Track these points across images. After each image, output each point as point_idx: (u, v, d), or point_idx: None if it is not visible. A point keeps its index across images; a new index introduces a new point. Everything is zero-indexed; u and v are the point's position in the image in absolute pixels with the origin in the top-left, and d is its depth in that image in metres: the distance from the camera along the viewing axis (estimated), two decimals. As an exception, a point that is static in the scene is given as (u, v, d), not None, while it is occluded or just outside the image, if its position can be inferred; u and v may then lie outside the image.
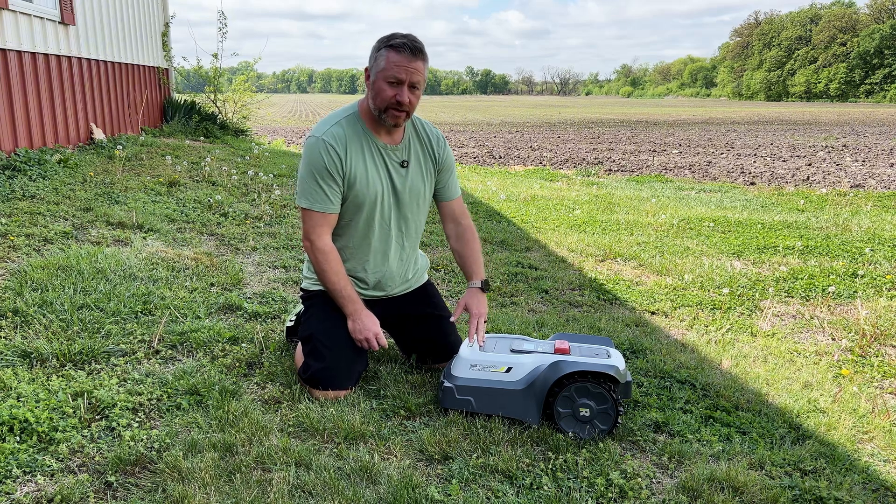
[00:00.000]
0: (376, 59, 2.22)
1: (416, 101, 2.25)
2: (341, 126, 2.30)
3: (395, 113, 2.23)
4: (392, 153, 2.36)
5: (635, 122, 27.80)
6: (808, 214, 6.58)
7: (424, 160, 2.44)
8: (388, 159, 2.36)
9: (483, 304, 2.42)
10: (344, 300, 2.34)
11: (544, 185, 8.68)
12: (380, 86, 2.21)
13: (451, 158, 2.53)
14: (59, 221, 4.29)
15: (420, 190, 2.43)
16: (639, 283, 3.97)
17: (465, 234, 2.56)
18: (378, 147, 2.34)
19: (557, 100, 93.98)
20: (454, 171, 2.56)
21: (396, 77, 2.18)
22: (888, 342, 3.06)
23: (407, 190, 2.40)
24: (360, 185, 2.30)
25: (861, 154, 13.47)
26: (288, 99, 77.89)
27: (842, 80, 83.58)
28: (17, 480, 1.74)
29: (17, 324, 2.66)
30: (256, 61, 12.51)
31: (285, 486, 1.75)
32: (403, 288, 2.57)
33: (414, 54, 2.18)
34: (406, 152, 2.39)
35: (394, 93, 2.19)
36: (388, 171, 2.36)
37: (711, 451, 2.05)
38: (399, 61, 2.17)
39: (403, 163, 2.38)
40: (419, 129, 2.45)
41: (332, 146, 2.26)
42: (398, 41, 2.18)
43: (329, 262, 2.31)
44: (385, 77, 2.19)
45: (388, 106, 2.22)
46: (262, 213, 5.34)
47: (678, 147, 15.32)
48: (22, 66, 5.77)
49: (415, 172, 2.41)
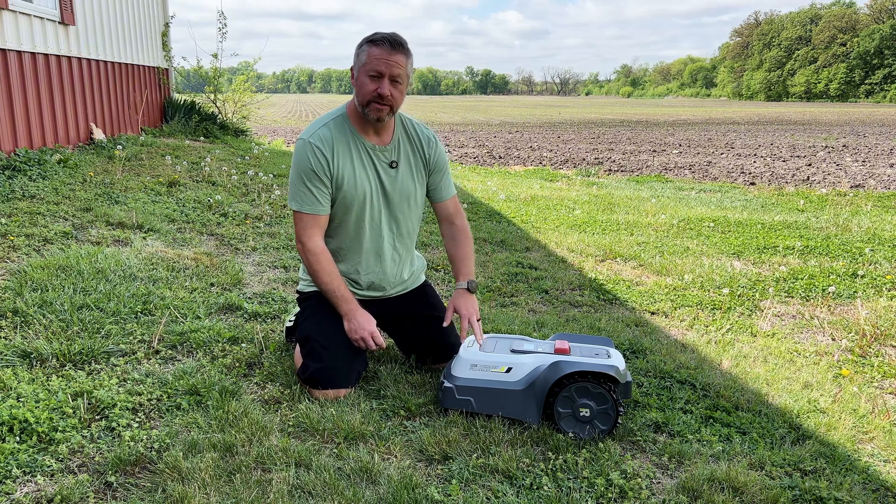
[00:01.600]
0: (358, 55, 2.26)
1: (398, 96, 2.27)
2: (328, 128, 2.33)
3: (377, 106, 2.24)
4: (381, 154, 2.38)
5: (635, 122, 27.81)
6: (808, 214, 6.58)
7: (415, 161, 2.45)
8: (376, 160, 2.37)
9: (471, 304, 2.42)
10: (338, 300, 2.35)
11: (544, 186, 8.68)
12: (362, 80, 2.24)
13: (443, 159, 2.52)
14: (59, 221, 4.29)
15: (410, 191, 2.44)
16: (639, 283, 3.97)
17: (457, 234, 2.57)
18: (366, 148, 2.36)
19: (557, 100, 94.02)
20: (447, 171, 2.56)
21: (377, 70, 2.20)
22: (888, 342, 3.06)
23: (397, 191, 2.41)
24: (347, 186, 2.32)
25: (861, 154, 13.47)
26: (288, 99, 77.92)
27: (842, 81, 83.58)
28: (17, 480, 1.74)
29: (17, 324, 2.66)
30: (256, 61, 12.51)
31: (285, 487, 1.75)
32: (400, 289, 2.58)
33: (393, 47, 2.21)
34: (395, 153, 2.41)
35: (375, 86, 2.22)
36: (376, 171, 2.38)
37: (711, 452, 2.05)
38: (379, 55, 2.20)
39: (392, 163, 2.40)
40: (409, 130, 2.46)
41: (318, 148, 2.28)
42: (378, 36, 2.23)
43: (320, 263, 2.33)
44: (366, 71, 2.22)
45: (369, 100, 2.24)
46: (261, 213, 5.34)
47: (678, 147, 15.32)
48: (22, 67, 5.77)
49: (405, 173, 2.42)
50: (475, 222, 5.65)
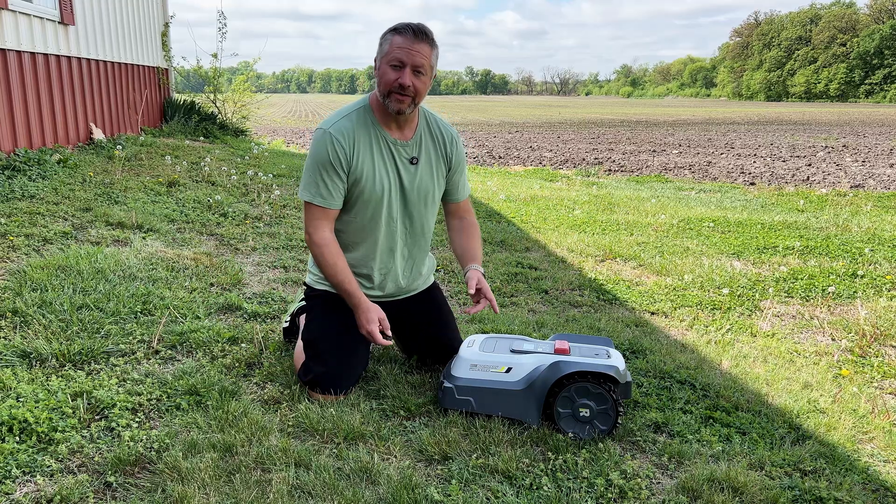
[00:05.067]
0: (381, 44, 2.20)
1: (421, 87, 2.19)
2: (350, 119, 2.26)
3: (399, 97, 2.17)
4: (402, 149, 2.31)
5: (635, 122, 27.80)
6: (807, 215, 6.58)
7: (436, 159, 2.39)
8: (397, 155, 2.31)
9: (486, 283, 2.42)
10: (345, 293, 2.29)
11: (544, 186, 8.68)
12: (384, 70, 2.17)
13: (462, 158, 2.47)
14: (59, 221, 4.29)
15: (429, 189, 2.38)
16: (639, 284, 3.97)
17: (468, 227, 2.53)
18: (388, 142, 2.29)
19: (557, 100, 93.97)
20: (465, 171, 2.51)
21: (399, 59, 2.14)
22: (888, 342, 3.06)
23: (415, 188, 2.35)
24: (366, 180, 2.26)
25: (861, 154, 13.47)
26: (287, 99, 77.89)
27: (842, 81, 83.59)
28: (17, 481, 1.74)
29: (17, 324, 2.66)
30: (256, 61, 12.51)
31: (285, 487, 1.75)
32: (411, 288, 2.54)
33: (417, 36, 2.14)
34: (416, 149, 2.34)
35: (396, 76, 2.14)
36: (396, 167, 2.31)
37: (711, 452, 2.04)
38: (402, 43, 2.14)
39: (413, 160, 2.33)
40: (433, 126, 2.40)
41: (338, 140, 2.22)
42: (401, 25, 2.17)
43: (326, 255, 2.26)
44: (388, 60, 2.15)
45: (390, 90, 2.17)
46: (261, 214, 5.34)
47: (678, 147, 15.32)
48: (22, 67, 5.77)
49: (424, 171, 2.36)
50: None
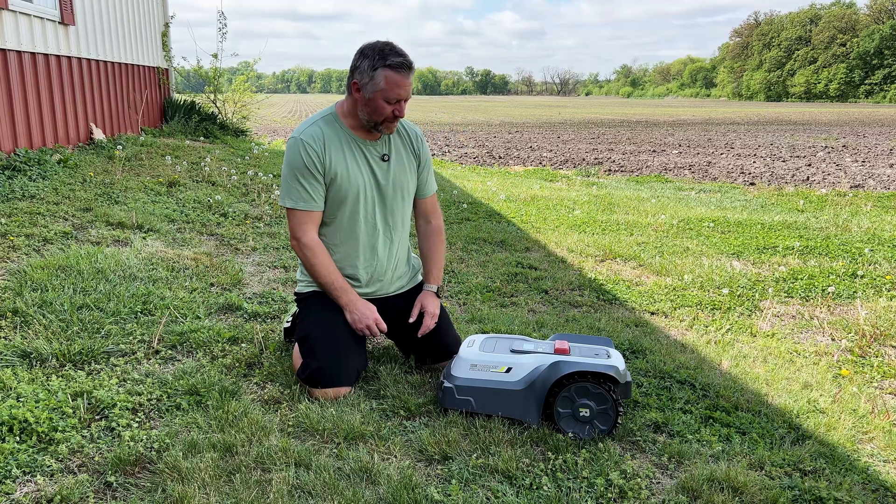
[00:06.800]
0: (372, 77, 2.25)
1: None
2: (318, 126, 2.38)
3: (391, 125, 2.36)
4: (372, 148, 2.43)
5: (635, 122, 27.81)
6: (807, 215, 6.58)
7: (406, 154, 2.51)
8: (368, 154, 2.42)
9: (436, 304, 2.53)
10: (337, 292, 2.39)
11: (544, 186, 8.68)
12: (379, 104, 2.28)
13: (428, 155, 2.60)
14: (59, 221, 4.29)
15: (404, 183, 2.49)
16: (638, 284, 3.97)
17: (432, 234, 2.63)
18: (357, 143, 2.41)
19: (557, 100, 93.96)
20: (431, 167, 2.63)
21: (398, 97, 2.27)
22: (888, 342, 3.06)
23: (390, 183, 2.45)
24: (341, 180, 2.36)
25: (861, 154, 13.48)
26: (288, 99, 77.86)
27: (842, 81, 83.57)
28: (17, 480, 1.74)
29: (17, 324, 2.66)
30: (256, 61, 12.52)
31: (285, 487, 1.75)
32: (398, 285, 2.59)
33: (410, 71, 2.28)
34: (386, 146, 2.46)
35: (393, 108, 2.29)
36: (369, 165, 2.42)
37: (711, 452, 2.05)
38: (399, 81, 2.25)
39: (384, 156, 2.44)
40: (398, 126, 2.51)
41: (309, 144, 2.32)
42: (395, 60, 2.23)
43: (317, 257, 2.36)
44: (385, 97, 2.26)
45: (385, 119, 2.32)
46: (261, 214, 5.34)
47: (678, 147, 15.32)
48: (22, 67, 5.77)
49: (397, 166, 2.47)
50: (475, 222, 5.65)
